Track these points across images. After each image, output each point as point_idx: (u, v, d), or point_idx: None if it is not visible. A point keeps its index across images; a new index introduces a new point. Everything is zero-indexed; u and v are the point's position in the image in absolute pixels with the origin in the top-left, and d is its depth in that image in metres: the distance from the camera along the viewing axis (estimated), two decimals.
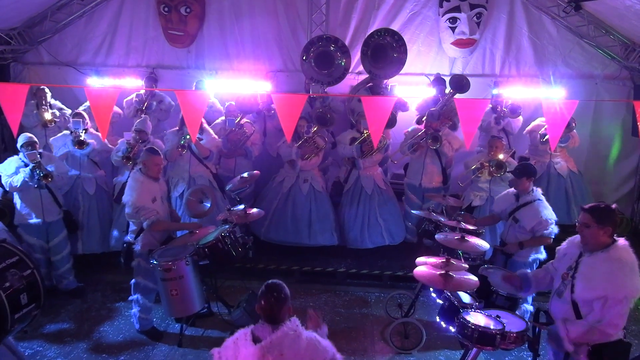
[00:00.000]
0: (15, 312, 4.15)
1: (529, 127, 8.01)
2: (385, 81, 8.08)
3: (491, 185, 7.00)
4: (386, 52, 7.67)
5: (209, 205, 6.24)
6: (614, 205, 3.86)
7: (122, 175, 7.09)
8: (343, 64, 7.66)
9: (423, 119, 7.38)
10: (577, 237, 4.03)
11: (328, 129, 7.72)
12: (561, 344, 3.81)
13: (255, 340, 3.05)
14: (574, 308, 3.82)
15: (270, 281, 3.24)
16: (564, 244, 4.20)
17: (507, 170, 6.64)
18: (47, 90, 7.80)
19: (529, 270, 5.03)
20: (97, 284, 6.87)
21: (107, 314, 6.27)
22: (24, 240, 6.29)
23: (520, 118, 8.11)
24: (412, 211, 6.65)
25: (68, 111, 8.08)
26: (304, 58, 7.60)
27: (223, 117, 7.67)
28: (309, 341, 3.07)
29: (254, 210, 6.11)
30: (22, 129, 6.67)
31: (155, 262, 5.18)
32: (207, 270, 5.71)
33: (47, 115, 7.69)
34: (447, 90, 7.85)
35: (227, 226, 5.68)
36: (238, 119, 7.42)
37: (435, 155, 7.33)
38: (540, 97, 7.83)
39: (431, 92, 8.03)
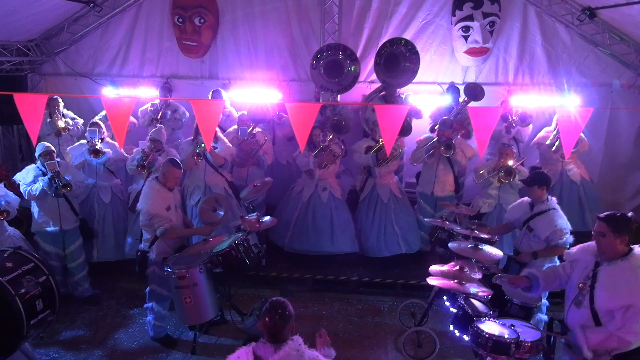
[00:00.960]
0: (31, 318, 4.20)
1: (535, 139, 7.97)
2: (399, 90, 8.10)
3: (500, 192, 6.95)
4: (399, 61, 7.68)
5: (222, 213, 6.27)
6: (630, 214, 3.83)
7: (137, 184, 7.15)
8: (352, 70, 7.69)
9: (436, 127, 7.38)
10: (590, 245, 3.99)
11: (339, 137, 7.73)
12: (579, 351, 3.77)
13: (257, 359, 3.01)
14: (594, 317, 3.79)
15: (274, 298, 3.21)
16: (575, 249, 4.16)
17: (517, 178, 6.61)
18: (60, 100, 7.95)
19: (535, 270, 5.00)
20: (112, 291, 6.93)
21: (121, 321, 6.31)
22: (40, 248, 6.37)
23: (530, 126, 8.08)
24: (425, 219, 6.62)
25: (80, 121, 8.21)
26: (313, 64, 7.64)
27: (235, 126, 7.73)
28: None
29: (266, 218, 6.14)
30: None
31: (169, 270, 5.22)
32: (221, 278, 5.75)
33: (61, 123, 7.83)
34: (461, 98, 7.85)
35: (240, 234, 5.71)
36: (250, 129, 7.47)
37: (448, 163, 7.30)
38: (555, 106, 7.80)
39: (445, 100, 8.03)
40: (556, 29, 8.32)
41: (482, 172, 7.01)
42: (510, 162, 6.75)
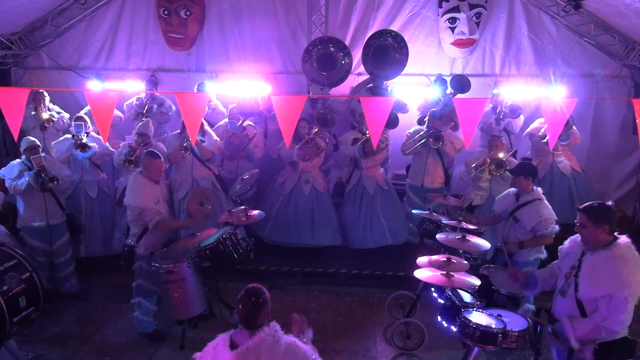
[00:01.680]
0: (13, 315, 4.16)
1: (528, 130, 7.97)
2: (385, 82, 8.09)
3: (492, 184, 7.00)
4: (388, 53, 7.69)
5: (209, 207, 6.24)
6: (609, 202, 3.88)
7: (124, 178, 7.11)
8: (345, 62, 7.68)
9: (425, 119, 7.39)
10: (578, 236, 4.04)
11: (329, 130, 7.73)
12: (566, 341, 3.81)
13: (233, 346, 3.01)
14: (579, 307, 3.82)
15: (250, 285, 3.21)
16: (566, 242, 4.20)
17: (507, 169, 6.64)
18: (45, 94, 7.86)
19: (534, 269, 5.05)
20: (100, 286, 6.88)
21: (109, 316, 6.28)
22: (27, 244, 6.31)
23: (522, 117, 8.10)
24: (413, 211, 6.64)
25: (66, 115, 8.13)
26: (305, 60, 7.62)
27: (226, 120, 7.69)
28: (288, 346, 3.02)
29: (255, 211, 6.12)
30: (20, 132, 6.73)
31: (156, 265, 5.19)
32: (209, 272, 5.74)
33: (45, 115, 7.74)
34: (449, 90, 7.86)
35: (228, 228, 5.68)
36: (240, 122, 7.43)
37: (437, 155, 7.33)
38: (541, 96, 7.83)
39: (432, 92, 8.03)
40: (542, 20, 8.35)
41: (472, 165, 7.05)
42: (501, 154, 6.79)
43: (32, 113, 7.72)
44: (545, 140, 7.51)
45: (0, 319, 4.06)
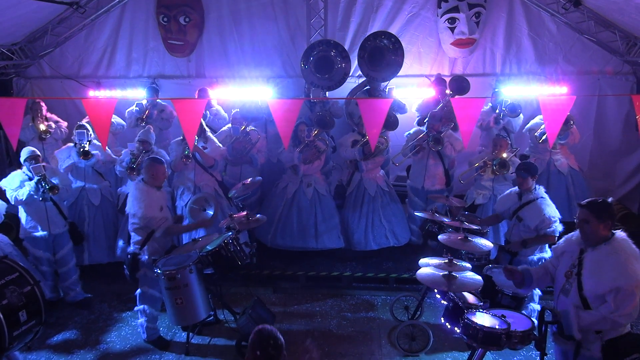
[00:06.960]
0: (13, 330, 4.12)
1: (528, 125, 7.95)
2: (384, 84, 8.08)
3: (494, 183, 6.96)
4: (383, 54, 7.67)
5: (211, 212, 6.24)
6: (610, 199, 3.88)
7: (126, 185, 7.12)
8: (343, 66, 7.68)
9: (425, 121, 7.37)
10: (574, 234, 4.03)
11: (328, 133, 7.72)
12: (569, 330, 3.79)
13: None
14: (583, 304, 3.80)
15: (260, 327, 2.95)
16: (561, 241, 4.19)
17: (511, 170, 6.62)
18: (42, 104, 7.89)
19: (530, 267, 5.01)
20: (104, 294, 6.87)
21: (113, 324, 6.27)
22: (30, 254, 6.31)
23: (521, 116, 8.07)
24: (415, 213, 6.61)
25: (64, 124, 8.15)
26: (303, 64, 7.62)
27: (229, 125, 7.69)
28: None
29: (257, 216, 6.11)
30: (20, 143, 6.73)
31: (159, 271, 5.18)
32: (212, 278, 5.73)
33: (42, 127, 7.77)
34: (448, 91, 7.84)
35: (230, 233, 5.68)
36: (243, 127, 7.43)
37: (438, 157, 7.30)
38: (543, 95, 7.81)
39: (432, 93, 8.01)
40: (542, 18, 8.34)
41: (474, 165, 7.01)
42: (505, 155, 6.76)
43: (30, 124, 7.76)
44: (541, 141, 7.49)
45: None
